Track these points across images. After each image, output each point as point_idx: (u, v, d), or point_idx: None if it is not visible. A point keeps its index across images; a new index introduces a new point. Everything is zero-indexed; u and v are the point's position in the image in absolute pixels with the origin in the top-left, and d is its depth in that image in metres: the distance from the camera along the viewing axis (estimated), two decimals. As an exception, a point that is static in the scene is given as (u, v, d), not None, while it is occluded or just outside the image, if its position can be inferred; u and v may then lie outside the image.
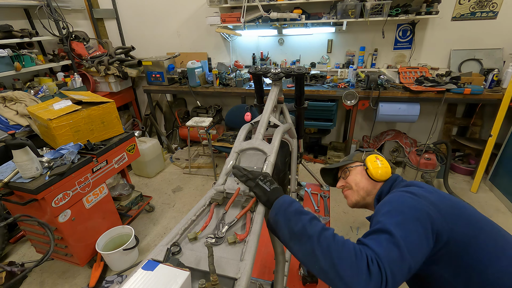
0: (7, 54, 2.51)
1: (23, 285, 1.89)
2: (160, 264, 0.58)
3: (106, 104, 1.94)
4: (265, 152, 0.90)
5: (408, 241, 0.67)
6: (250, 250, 0.65)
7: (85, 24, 3.57)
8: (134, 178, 3.13)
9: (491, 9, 2.63)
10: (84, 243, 1.85)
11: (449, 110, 3.07)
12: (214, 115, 3.47)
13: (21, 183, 1.52)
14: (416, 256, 0.68)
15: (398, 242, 0.66)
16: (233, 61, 3.44)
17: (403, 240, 0.66)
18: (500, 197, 2.51)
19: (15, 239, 2.24)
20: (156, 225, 2.40)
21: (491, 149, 2.46)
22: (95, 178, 1.86)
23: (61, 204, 1.64)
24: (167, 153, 3.68)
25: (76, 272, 1.96)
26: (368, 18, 2.62)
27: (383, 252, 0.64)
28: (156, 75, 3.23)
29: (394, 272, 0.61)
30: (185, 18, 3.40)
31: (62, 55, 3.15)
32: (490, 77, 2.53)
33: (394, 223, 0.70)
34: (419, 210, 0.74)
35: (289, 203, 0.71)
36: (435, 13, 2.55)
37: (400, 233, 0.68)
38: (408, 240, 0.67)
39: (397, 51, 3.02)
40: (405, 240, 0.67)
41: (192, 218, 0.74)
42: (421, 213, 0.73)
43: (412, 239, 0.68)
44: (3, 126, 2.15)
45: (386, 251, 0.64)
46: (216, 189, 0.83)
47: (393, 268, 0.62)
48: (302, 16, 2.80)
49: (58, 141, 1.76)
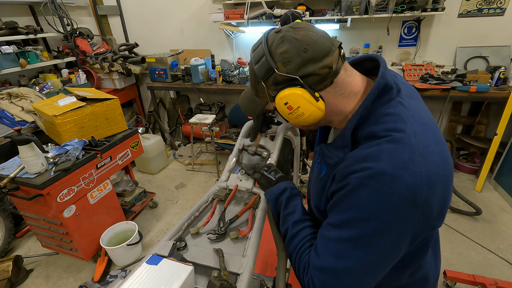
0: (12, 51, 2.54)
1: (29, 278, 1.92)
2: (164, 258, 0.59)
3: (110, 100, 1.96)
4: (268, 150, 0.90)
5: (364, 265, 0.54)
6: (252, 246, 0.66)
7: (89, 20, 3.58)
8: (137, 175, 3.15)
9: (498, 6, 2.58)
10: (88, 238, 1.87)
11: (454, 108, 3.04)
12: (217, 112, 3.47)
13: (27, 178, 1.54)
14: (376, 274, 0.56)
15: (343, 273, 0.55)
16: (236, 58, 3.43)
17: (354, 267, 0.54)
18: (505, 196, 2.49)
19: (21, 234, 2.27)
20: (159, 221, 2.43)
21: (496, 148, 2.44)
22: (99, 174, 1.88)
23: (66, 199, 1.66)
24: (170, 149, 3.70)
25: (81, 266, 1.99)
26: (373, 14, 2.59)
27: (319, 278, 0.58)
28: (160, 72, 3.23)
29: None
30: (189, 15, 3.40)
31: (67, 52, 3.17)
32: (496, 75, 2.49)
33: (353, 240, 0.54)
34: (401, 230, 0.52)
35: (278, 194, 0.76)
36: (441, 10, 2.51)
37: (357, 255, 0.54)
38: (366, 263, 0.54)
39: (402, 48, 2.98)
40: (357, 267, 0.54)
41: (195, 214, 0.75)
42: (402, 232, 0.52)
43: (372, 260, 0.54)
44: (9, 122, 2.18)
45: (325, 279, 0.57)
46: (219, 186, 0.84)
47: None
48: (306, 12, 2.78)
49: (63, 137, 1.77)
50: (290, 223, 0.70)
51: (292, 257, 0.68)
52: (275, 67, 0.55)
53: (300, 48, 0.54)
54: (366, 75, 0.64)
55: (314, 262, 0.59)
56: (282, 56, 0.55)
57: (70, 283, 1.88)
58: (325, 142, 0.70)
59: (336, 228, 0.56)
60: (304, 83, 0.55)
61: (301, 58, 0.54)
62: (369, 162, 0.52)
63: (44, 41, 3.18)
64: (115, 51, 3.33)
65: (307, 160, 2.80)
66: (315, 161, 0.79)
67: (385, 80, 0.57)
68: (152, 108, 3.70)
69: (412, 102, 0.59)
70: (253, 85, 0.65)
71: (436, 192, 0.51)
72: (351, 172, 0.54)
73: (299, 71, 0.55)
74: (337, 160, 0.60)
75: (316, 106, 0.56)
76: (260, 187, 0.82)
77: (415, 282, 0.67)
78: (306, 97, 0.55)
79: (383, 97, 0.57)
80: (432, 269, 0.69)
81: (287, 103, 0.57)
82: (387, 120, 0.55)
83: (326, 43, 0.55)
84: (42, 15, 2.88)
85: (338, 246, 0.55)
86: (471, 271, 1.80)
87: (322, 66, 0.54)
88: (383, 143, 0.52)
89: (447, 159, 0.54)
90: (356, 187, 0.52)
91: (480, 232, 2.13)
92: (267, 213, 0.80)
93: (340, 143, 0.60)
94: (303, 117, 0.58)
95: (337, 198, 0.57)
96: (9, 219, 2.06)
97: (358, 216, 0.52)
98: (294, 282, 1.39)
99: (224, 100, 3.66)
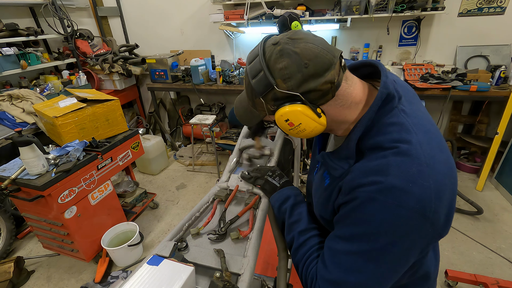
0: (13, 53, 2.54)
1: (31, 279, 1.92)
2: (165, 259, 0.59)
3: (110, 101, 1.96)
4: (269, 148, 0.90)
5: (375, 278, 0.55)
6: (253, 247, 0.66)
7: (90, 22, 3.59)
8: (138, 175, 3.16)
9: (498, 5, 2.58)
10: (89, 239, 1.87)
11: (455, 107, 3.03)
12: (218, 112, 3.48)
13: (28, 179, 1.54)
14: (386, 285, 0.57)
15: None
16: (236, 59, 3.43)
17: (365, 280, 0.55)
18: (506, 196, 2.48)
19: (22, 235, 2.28)
20: (160, 222, 2.43)
21: (497, 147, 2.43)
22: (100, 175, 1.88)
23: (67, 200, 1.66)
24: (170, 150, 3.70)
25: (82, 267, 2.00)
26: (373, 14, 2.59)
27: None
28: (160, 73, 3.23)
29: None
30: (189, 16, 3.40)
31: (67, 53, 3.18)
32: (497, 74, 2.49)
33: (363, 254, 0.54)
34: (411, 242, 0.52)
35: (281, 202, 0.76)
36: (441, 9, 2.51)
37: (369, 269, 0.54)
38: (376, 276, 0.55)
39: (402, 47, 2.98)
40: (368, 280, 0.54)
41: (196, 215, 0.75)
42: (412, 244, 0.52)
43: (382, 273, 0.54)
44: (10, 124, 2.18)
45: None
46: (219, 186, 0.84)
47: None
48: (306, 13, 2.78)
49: (63, 139, 1.78)
50: (296, 232, 0.70)
51: (299, 267, 0.68)
52: (274, 83, 0.53)
53: (301, 63, 0.51)
54: (364, 79, 0.63)
55: (322, 274, 0.59)
56: (282, 72, 0.52)
57: (72, 284, 1.88)
58: (324, 149, 0.69)
59: (345, 241, 0.56)
60: (306, 100, 0.53)
61: (302, 74, 0.51)
62: (377, 176, 0.51)
63: (44, 43, 3.18)
64: (115, 52, 3.34)
65: (307, 160, 2.79)
66: (314, 166, 0.78)
67: (387, 89, 0.56)
68: (152, 109, 3.70)
69: (413, 108, 0.59)
70: (249, 97, 0.61)
71: (443, 202, 0.51)
72: (358, 186, 0.53)
73: (300, 88, 0.52)
74: (342, 171, 0.59)
75: (318, 122, 0.55)
76: (264, 193, 0.82)
77: (417, 280, 0.67)
78: (308, 113, 0.54)
79: (385, 106, 0.56)
80: (432, 265, 0.69)
81: (288, 120, 0.55)
82: (391, 131, 0.54)
83: (327, 56, 0.52)
84: (42, 17, 2.88)
85: (347, 259, 0.55)
86: (472, 271, 1.79)
87: (324, 82, 0.52)
88: (390, 155, 0.51)
89: (452, 167, 0.55)
90: (365, 202, 0.51)
91: (482, 232, 2.13)
92: (267, 213, 0.80)
93: (344, 154, 0.59)
94: (305, 133, 0.57)
95: (345, 212, 0.56)
96: (10, 220, 2.06)
97: (369, 230, 0.52)
98: (295, 282, 1.39)
99: (225, 101, 3.66)
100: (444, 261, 1.90)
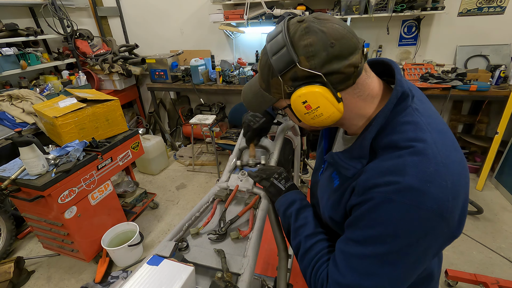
0: (13, 53, 2.54)
1: (31, 279, 1.92)
2: (165, 259, 0.59)
3: (110, 102, 1.96)
4: (269, 150, 0.90)
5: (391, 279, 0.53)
6: (253, 246, 0.66)
7: (89, 22, 3.59)
8: (138, 175, 3.16)
9: (498, 4, 2.58)
10: (89, 239, 1.87)
11: (455, 107, 3.03)
12: (218, 112, 3.47)
13: (28, 180, 1.54)
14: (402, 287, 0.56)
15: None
16: (236, 59, 3.43)
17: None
18: (506, 195, 2.48)
19: (22, 235, 2.28)
20: (160, 222, 2.43)
21: (497, 146, 2.43)
22: (100, 175, 1.88)
23: (67, 200, 1.66)
24: (170, 150, 3.70)
25: (82, 267, 2.00)
26: (373, 14, 2.59)
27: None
28: (160, 73, 3.23)
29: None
30: (188, 16, 3.40)
31: (67, 53, 3.18)
32: (497, 73, 2.48)
33: (380, 257, 0.52)
34: (429, 243, 0.51)
35: (287, 206, 0.75)
36: (441, 9, 2.51)
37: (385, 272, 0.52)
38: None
39: (402, 47, 2.98)
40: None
41: (196, 215, 0.75)
42: (429, 245, 0.51)
43: (398, 275, 0.53)
44: (9, 124, 2.18)
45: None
46: (219, 186, 0.84)
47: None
48: (306, 12, 2.78)
49: (63, 139, 1.78)
50: (302, 237, 0.68)
51: (307, 272, 0.65)
52: (297, 60, 0.50)
53: (327, 42, 0.49)
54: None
55: (335, 278, 0.56)
56: (306, 49, 0.49)
57: (72, 284, 1.88)
58: (331, 150, 0.68)
59: (359, 245, 0.54)
60: (327, 81, 0.50)
61: (327, 53, 0.49)
62: (393, 176, 0.49)
63: (44, 43, 3.18)
64: (115, 52, 3.34)
65: (307, 160, 2.80)
66: (319, 166, 0.76)
67: (402, 87, 0.55)
68: (152, 109, 3.70)
69: (425, 107, 0.58)
70: (264, 78, 0.58)
71: (459, 202, 0.50)
72: (373, 186, 0.51)
73: (324, 68, 0.50)
74: (355, 171, 0.57)
75: (336, 107, 0.53)
76: (268, 195, 0.81)
77: (422, 280, 0.67)
78: (328, 96, 0.51)
79: (400, 104, 0.55)
80: (436, 265, 0.69)
81: (306, 101, 0.52)
82: (406, 129, 0.52)
83: (353, 39, 0.50)
84: (42, 17, 2.88)
85: (362, 263, 0.53)
86: (472, 270, 1.79)
87: (348, 65, 0.49)
88: (406, 155, 0.50)
89: (465, 166, 0.54)
90: (382, 203, 0.49)
91: (482, 231, 2.13)
92: (267, 213, 0.80)
93: (357, 153, 0.57)
94: (321, 118, 0.55)
95: (360, 213, 0.54)
96: (11, 220, 2.06)
97: (385, 232, 0.50)
98: (295, 282, 1.39)
99: (224, 101, 3.66)
100: (444, 260, 1.89)
